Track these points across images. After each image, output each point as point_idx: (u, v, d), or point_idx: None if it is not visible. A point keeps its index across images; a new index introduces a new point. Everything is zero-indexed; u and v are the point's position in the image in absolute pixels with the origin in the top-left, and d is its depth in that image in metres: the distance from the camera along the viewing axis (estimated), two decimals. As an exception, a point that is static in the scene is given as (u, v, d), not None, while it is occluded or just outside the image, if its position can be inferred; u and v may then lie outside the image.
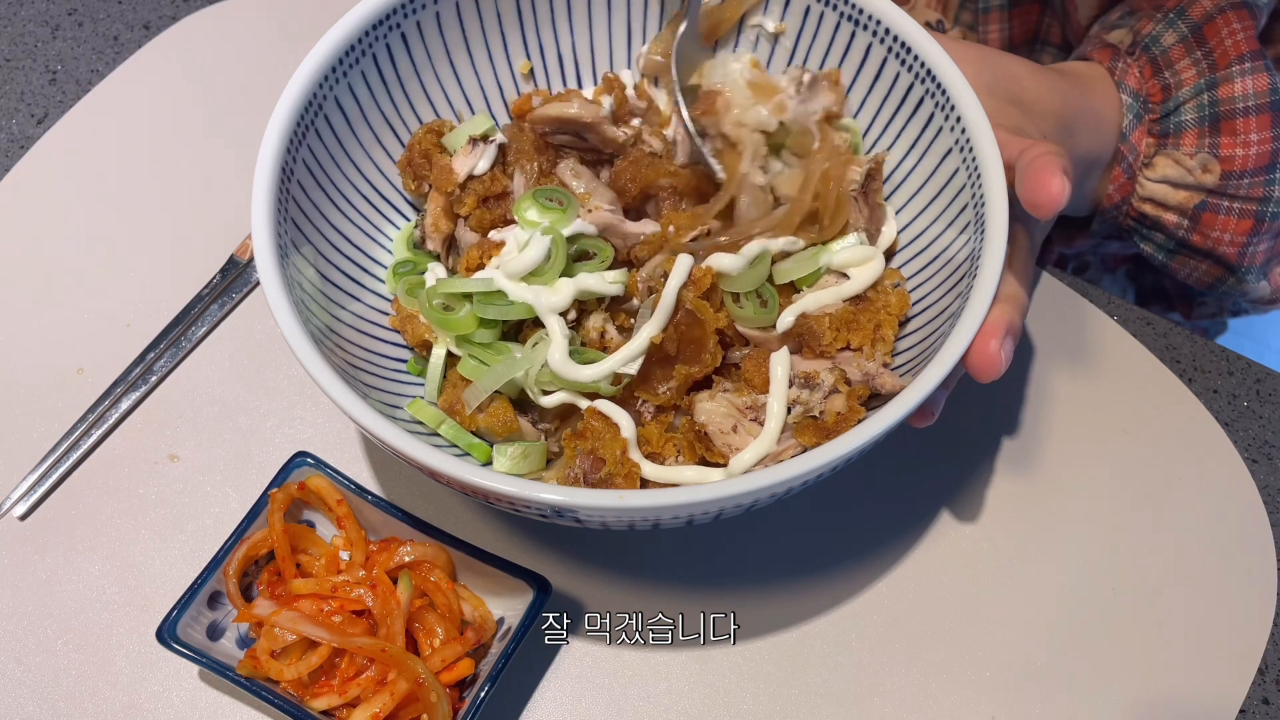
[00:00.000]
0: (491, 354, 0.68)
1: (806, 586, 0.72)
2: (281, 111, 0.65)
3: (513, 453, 0.68)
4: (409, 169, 0.74)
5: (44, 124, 0.90)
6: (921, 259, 0.71)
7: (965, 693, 0.69)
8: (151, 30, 0.95)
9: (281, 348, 0.59)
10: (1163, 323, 0.83)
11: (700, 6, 0.74)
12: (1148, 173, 0.80)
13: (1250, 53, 0.78)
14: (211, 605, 0.67)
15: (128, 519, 0.74)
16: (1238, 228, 0.80)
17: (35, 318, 0.81)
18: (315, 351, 0.59)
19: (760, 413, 0.65)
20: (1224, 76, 0.77)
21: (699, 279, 0.66)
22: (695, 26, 0.74)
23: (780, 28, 0.74)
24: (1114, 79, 0.81)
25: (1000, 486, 0.76)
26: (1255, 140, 0.78)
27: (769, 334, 0.68)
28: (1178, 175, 0.79)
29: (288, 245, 0.64)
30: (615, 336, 0.68)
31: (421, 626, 0.66)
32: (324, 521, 0.71)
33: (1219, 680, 0.70)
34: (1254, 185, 0.78)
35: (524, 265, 0.66)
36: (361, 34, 0.69)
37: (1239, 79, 0.77)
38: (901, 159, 0.72)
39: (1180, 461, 0.77)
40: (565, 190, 0.71)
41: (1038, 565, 0.73)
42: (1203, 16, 0.79)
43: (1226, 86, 0.77)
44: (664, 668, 0.70)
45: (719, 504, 0.56)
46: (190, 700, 0.68)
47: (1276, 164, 0.78)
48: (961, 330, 0.59)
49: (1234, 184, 0.78)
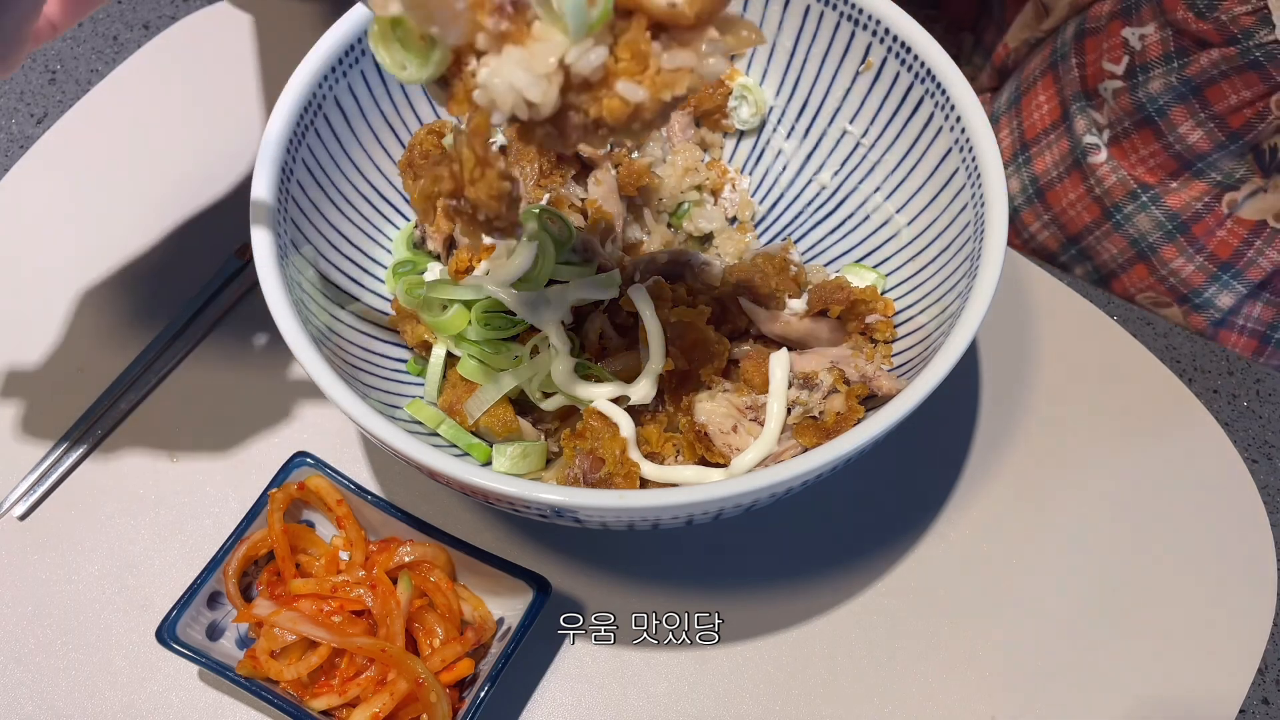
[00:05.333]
0: (490, 354, 0.68)
1: (806, 587, 0.72)
2: (281, 111, 0.65)
3: (512, 453, 0.68)
4: (409, 169, 0.74)
5: (44, 124, 0.90)
6: (921, 259, 0.71)
7: (965, 693, 0.69)
8: (151, 30, 0.95)
9: (281, 348, 0.59)
10: (1163, 323, 0.83)
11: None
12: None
13: (1052, 122, 0.79)
14: (211, 605, 0.67)
15: (127, 519, 0.74)
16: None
17: (35, 318, 0.80)
18: (315, 351, 0.59)
19: (760, 413, 0.66)
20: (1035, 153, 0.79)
21: (659, 294, 0.67)
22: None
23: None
24: None
25: (1000, 486, 0.76)
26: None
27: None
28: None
29: (288, 245, 0.64)
30: (615, 336, 0.68)
31: (421, 626, 0.66)
32: (324, 521, 0.71)
33: (1219, 680, 0.70)
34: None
35: (513, 272, 0.67)
36: (362, 33, 0.69)
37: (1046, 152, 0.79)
38: (901, 159, 0.72)
39: (1180, 461, 0.77)
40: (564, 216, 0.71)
41: (1037, 565, 0.73)
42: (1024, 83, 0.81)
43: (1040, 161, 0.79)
44: (664, 668, 0.70)
45: (719, 504, 0.56)
46: (190, 700, 0.68)
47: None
48: (961, 330, 0.59)
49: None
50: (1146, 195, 0.76)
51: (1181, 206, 0.76)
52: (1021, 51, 0.86)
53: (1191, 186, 0.74)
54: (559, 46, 0.44)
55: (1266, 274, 0.76)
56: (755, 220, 0.81)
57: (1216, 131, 0.70)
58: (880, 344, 0.70)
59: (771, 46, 0.77)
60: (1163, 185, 0.75)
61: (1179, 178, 0.74)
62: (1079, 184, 0.80)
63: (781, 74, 0.78)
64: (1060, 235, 0.85)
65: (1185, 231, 0.76)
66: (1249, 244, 0.75)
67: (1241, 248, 0.75)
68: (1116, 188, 0.77)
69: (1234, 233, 0.75)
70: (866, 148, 0.75)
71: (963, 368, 0.79)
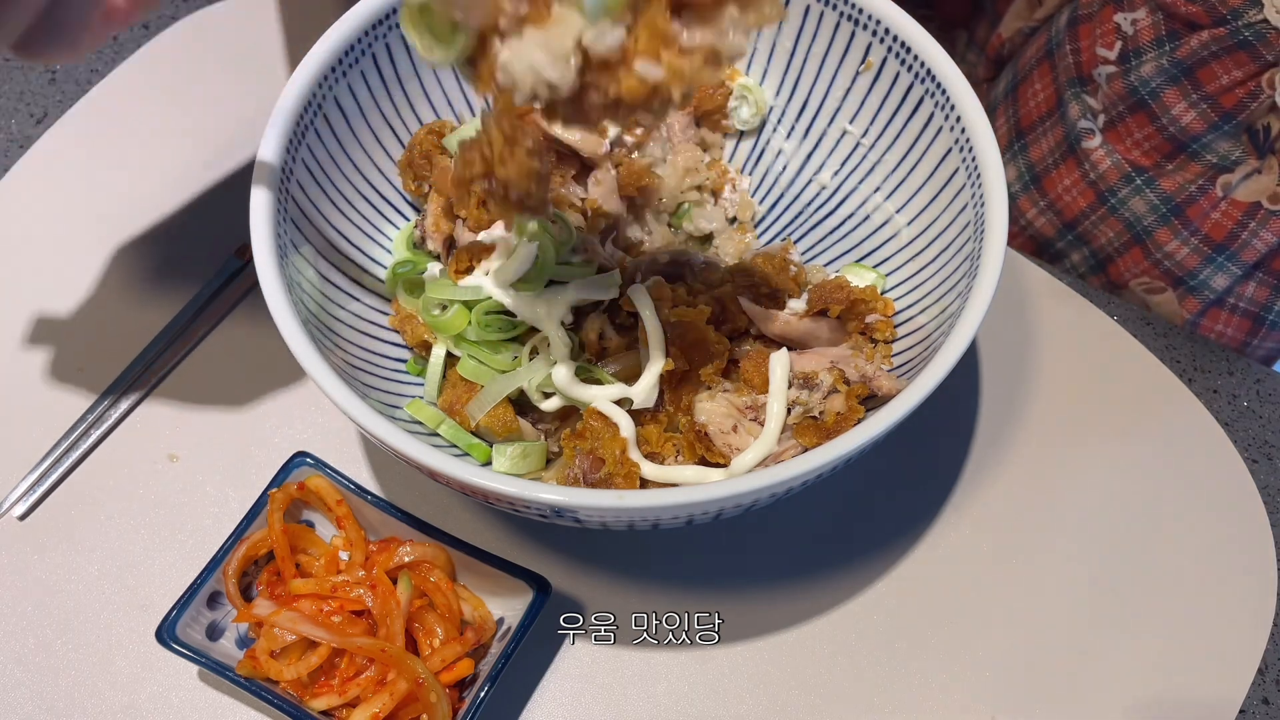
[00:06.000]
0: (490, 354, 0.68)
1: (806, 587, 0.72)
2: (281, 111, 0.65)
3: (512, 453, 0.68)
4: (409, 169, 0.74)
5: (44, 124, 0.89)
6: (921, 259, 0.71)
7: (965, 693, 0.69)
8: (151, 30, 0.95)
9: (281, 348, 0.59)
10: (1163, 323, 0.83)
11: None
12: None
13: (1048, 110, 0.79)
14: (211, 605, 0.67)
15: (127, 519, 0.74)
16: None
17: (35, 317, 0.80)
18: (315, 351, 0.59)
19: (760, 413, 0.66)
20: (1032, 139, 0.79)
21: (659, 294, 0.66)
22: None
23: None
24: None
25: (999, 486, 0.76)
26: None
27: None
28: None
29: (287, 245, 0.64)
30: (614, 336, 0.68)
31: (421, 626, 0.66)
32: (324, 521, 0.71)
33: (1219, 680, 0.70)
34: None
35: (512, 273, 0.67)
36: (361, 34, 0.69)
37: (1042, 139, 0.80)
38: (901, 159, 0.72)
39: (1180, 461, 0.77)
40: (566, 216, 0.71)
41: (1037, 565, 0.73)
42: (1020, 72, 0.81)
43: (1036, 148, 0.79)
44: (664, 668, 0.70)
45: (719, 504, 0.56)
46: (190, 700, 0.68)
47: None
48: (961, 330, 0.59)
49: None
50: (1141, 179, 0.77)
51: (1175, 190, 0.76)
52: (1016, 40, 0.87)
53: (1187, 169, 0.74)
54: (576, 28, 0.44)
55: (1260, 255, 0.76)
56: (755, 220, 0.81)
57: (1210, 112, 0.70)
58: (880, 344, 0.70)
59: (771, 46, 0.77)
60: (1158, 168, 0.75)
61: (1174, 159, 0.74)
62: (1074, 169, 0.81)
63: (781, 74, 0.78)
64: (1057, 221, 0.85)
65: (1179, 214, 0.77)
66: (1243, 225, 0.75)
67: (1236, 229, 0.75)
68: (1111, 172, 0.78)
69: (1228, 215, 0.75)
70: (866, 148, 0.75)
71: (963, 368, 0.79)
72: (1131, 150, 0.76)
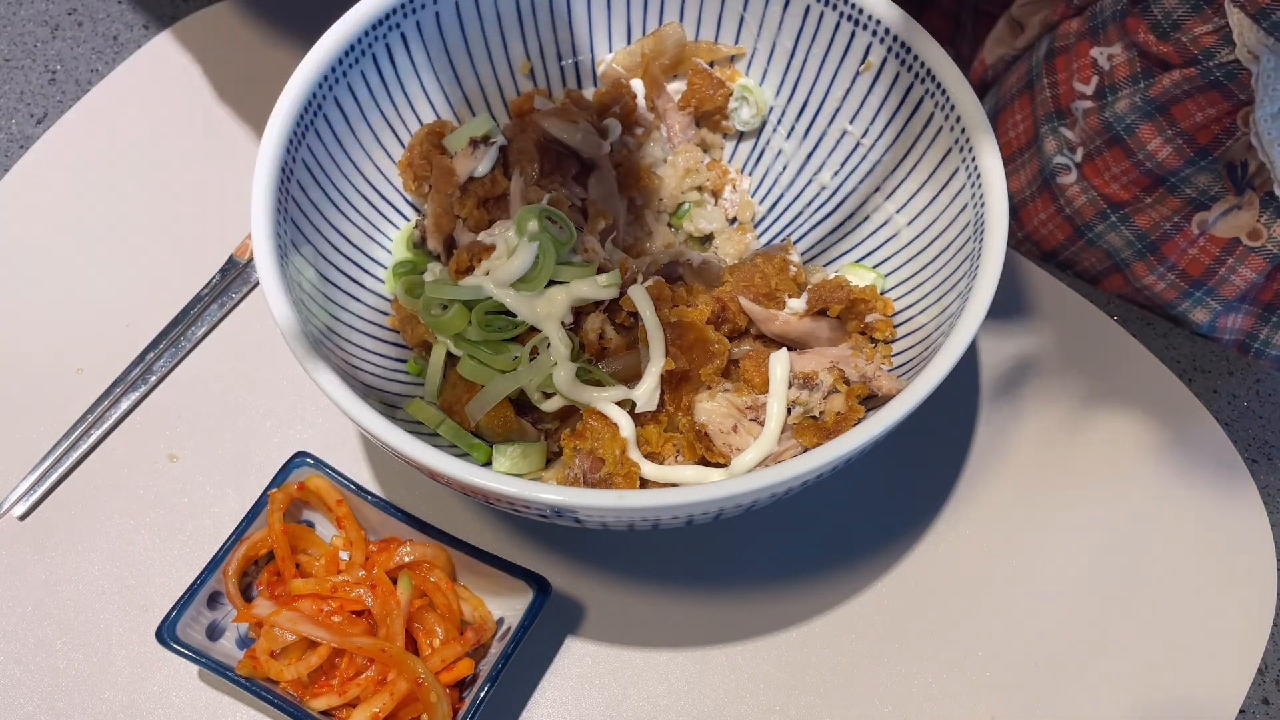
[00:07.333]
0: (491, 354, 0.68)
1: (806, 587, 0.72)
2: (281, 111, 0.65)
3: (512, 453, 0.68)
4: (409, 169, 0.74)
5: (44, 124, 0.89)
6: (921, 259, 0.71)
7: (965, 693, 0.69)
8: (151, 30, 0.95)
9: (281, 348, 0.59)
10: (1163, 323, 0.83)
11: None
12: None
13: (1027, 142, 0.80)
14: (211, 605, 0.67)
15: (127, 519, 0.74)
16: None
17: (35, 318, 0.80)
18: (315, 351, 0.59)
19: (760, 412, 0.66)
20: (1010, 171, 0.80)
21: (659, 294, 0.66)
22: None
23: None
24: None
25: (999, 486, 0.76)
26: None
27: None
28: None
29: (287, 245, 0.64)
30: (614, 336, 0.69)
31: (421, 627, 0.66)
32: (324, 521, 0.71)
33: (1219, 680, 0.70)
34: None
35: (512, 273, 0.67)
36: (361, 34, 0.69)
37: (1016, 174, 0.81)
38: (901, 159, 0.72)
39: (1180, 461, 0.77)
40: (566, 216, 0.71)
41: (1037, 565, 0.73)
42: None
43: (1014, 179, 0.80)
44: (664, 668, 0.70)
45: (719, 504, 0.56)
46: (190, 700, 0.68)
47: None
48: (961, 330, 0.59)
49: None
50: (1116, 215, 0.76)
51: (1150, 227, 0.75)
52: (999, 67, 0.87)
53: (1166, 202, 0.73)
54: None
55: (1240, 291, 0.75)
56: (755, 220, 0.81)
57: (1185, 148, 0.70)
58: (880, 344, 0.70)
59: (772, 47, 0.77)
60: (1137, 201, 0.75)
61: (1154, 193, 0.74)
62: (1049, 204, 0.81)
63: (781, 74, 0.78)
64: (1035, 252, 0.86)
65: (1155, 251, 0.76)
66: (1221, 262, 0.74)
67: (1214, 265, 0.75)
68: (1086, 208, 0.78)
69: (1206, 251, 0.74)
70: (866, 148, 0.75)
71: (963, 368, 0.79)
72: (1110, 184, 0.75)
